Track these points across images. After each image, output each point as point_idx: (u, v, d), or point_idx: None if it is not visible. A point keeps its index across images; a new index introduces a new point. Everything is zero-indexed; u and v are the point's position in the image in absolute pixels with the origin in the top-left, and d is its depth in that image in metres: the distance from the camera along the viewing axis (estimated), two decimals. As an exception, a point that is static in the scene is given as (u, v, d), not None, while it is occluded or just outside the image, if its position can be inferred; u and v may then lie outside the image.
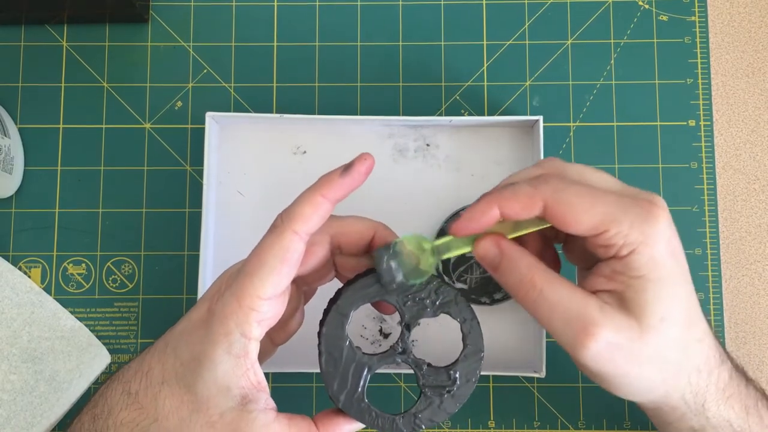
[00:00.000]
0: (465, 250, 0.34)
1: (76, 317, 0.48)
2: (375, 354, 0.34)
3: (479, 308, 0.48)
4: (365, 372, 0.34)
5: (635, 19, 0.52)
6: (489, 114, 0.51)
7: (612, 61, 0.51)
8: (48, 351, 0.47)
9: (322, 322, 0.35)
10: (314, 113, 0.51)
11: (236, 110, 0.51)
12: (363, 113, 0.51)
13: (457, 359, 0.35)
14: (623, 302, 0.32)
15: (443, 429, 0.48)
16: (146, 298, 0.49)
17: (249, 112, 0.51)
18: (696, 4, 0.52)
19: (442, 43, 0.51)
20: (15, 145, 0.49)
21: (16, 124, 0.50)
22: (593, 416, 0.49)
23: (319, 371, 0.34)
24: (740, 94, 0.52)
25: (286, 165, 0.50)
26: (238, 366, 0.31)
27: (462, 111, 0.51)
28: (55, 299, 0.48)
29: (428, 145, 0.50)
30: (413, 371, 0.35)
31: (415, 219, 0.49)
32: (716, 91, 0.52)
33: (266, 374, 0.48)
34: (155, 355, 0.34)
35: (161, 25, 0.52)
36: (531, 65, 0.51)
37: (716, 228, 0.50)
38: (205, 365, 0.31)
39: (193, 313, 0.34)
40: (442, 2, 0.52)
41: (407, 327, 0.35)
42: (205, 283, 0.46)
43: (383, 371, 0.47)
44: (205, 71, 0.51)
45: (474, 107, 0.51)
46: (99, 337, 0.48)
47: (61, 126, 0.51)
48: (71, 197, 0.50)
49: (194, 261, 0.48)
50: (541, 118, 0.47)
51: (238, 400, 0.32)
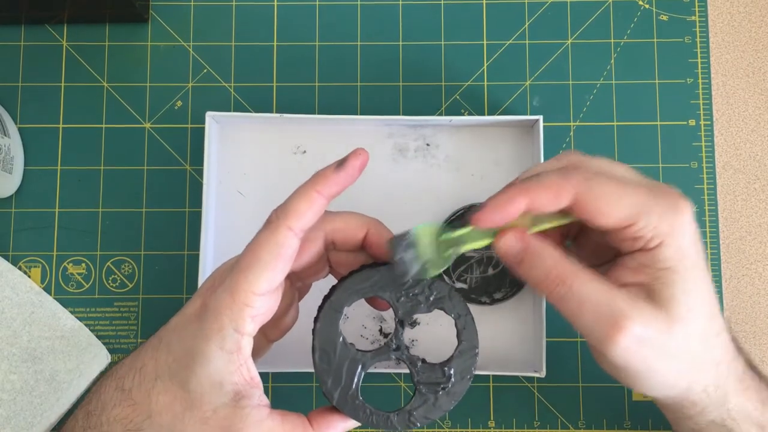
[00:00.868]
0: (484, 243, 0.33)
1: (76, 317, 0.48)
2: (369, 350, 0.34)
3: (479, 308, 0.48)
4: (359, 369, 0.34)
5: (635, 19, 0.52)
6: (489, 114, 0.51)
7: (612, 61, 0.51)
8: (48, 351, 0.47)
9: (316, 319, 0.34)
10: (314, 113, 0.51)
11: (236, 110, 0.51)
12: (363, 113, 0.51)
13: (452, 356, 0.34)
14: (651, 294, 0.32)
15: (443, 429, 0.48)
16: (146, 298, 0.49)
17: (249, 112, 0.51)
18: (696, 4, 0.52)
19: (442, 43, 0.51)
20: (15, 145, 0.49)
21: (16, 124, 0.50)
22: (593, 416, 0.49)
23: (313, 368, 0.34)
24: (740, 94, 0.52)
25: (286, 165, 0.50)
26: (231, 362, 0.31)
27: (462, 111, 0.51)
28: (55, 299, 0.48)
29: (428, 145, 0.50)
30: (408, 368, 0.35)
31: (415, 219, 0.49)
32: (716, 91, 0.52)
33: (265, 374, 0.49)
34: (148, 352, 0.34)
35: (161, 25, 0.52)
36: (531, 65, 0.51)
37: (716, 228, 0.50)
38: (198, 361, 0.31)
39: (187, 308, 0.34)
40: (442, 2, 0.52)
41: (401, 323, 0.35)
42: (205, 283, 0.46)
43: (383, 371, 0.47)
44: (205, 71, 0.51)
45: (474, 107, 0.51)
46: (99, 337, 0.48)
47: (61, 126, 0.51)
48: (71, 197, 0.50)
49: (194, 261, 0.48)
50: (541, 118, 0.47)
51: (231, 396, 0.31)
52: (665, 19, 0.52)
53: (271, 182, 0.50)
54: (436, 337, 0.48)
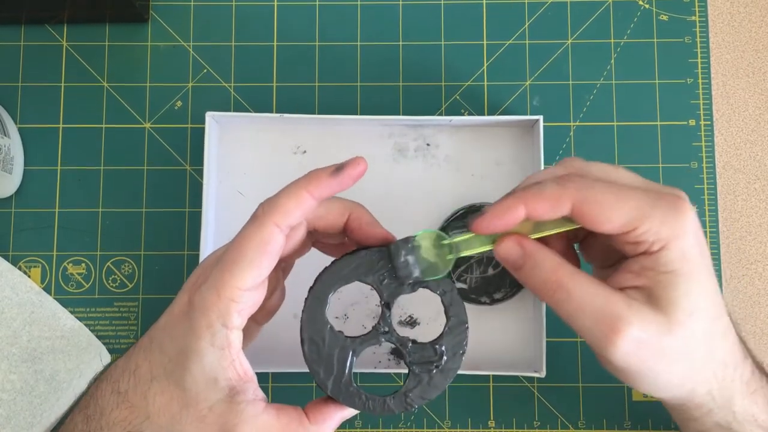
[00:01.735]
0: (485, 249, 0.34)
1: (76, 317, 0.48)
2: (358, 336, 0.34)
3: (479, 308, 0.48)
4: (350, 355, 0.34)
5: (635, 19, 0.52)
6: (489, 114, 0.51)
7: (612, 61, 0.51)
8: (48, 351, 0.47)
9: (303, 311, 0.34)
10: (314, 113, 0.51)
11: (236, 110, 0.51)
12: (363, 113, 0.51)
13: (442, 333, 0.34)
14: (652, 297, 0.32)
15: (443, 429, 0.48)
16: (146, 298, 0.49)
17: (249, 112, 0.51)
18: (696, 4, 0.52)
19: (442, 43, 0.51)
20: (15, 145, 0.49)
21: (16, 124, 0.50)
22: (593, 416, 0.48)
23: (304, 360, 0.34)
24: (740, 94, 0.52)
25: (286, 165, 0.50)
26: (224, 357, 0.31)
27: (462, 111, 0.51)
28: (55, 299, 0.48)
29: (428, 145, 0.50)
30: (399, 350, 0.34)
31: (415, 219, 0.49)
32: (716, 91, 0.52)
33: (265, 374, 0.49)
34: (141, 353, 0.34)
35: (161, 25, 0.52)
36: (531, 65, 0.51)
37: (716, 228, 0.50)
38: (191, 358, 0.31)
39: (174, 306, 0.33)
40: (442, 2, 0.52)
41: (387, 306, 0.34)
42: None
43: (382, 371, 0.47)
44: (205, 71, 0.51)
45: (474, 107, 0.51)
46: (99, 337, 0.48)
47: (61, 126, 0.51)
48: (71, 197, 0.50)
49: (194, 261, 0.48)
50: (541, 118, 0.47)
51: (226, 392, 0.32)
52: (665, 19, 0.52)
53: (271, 182, 0.49)
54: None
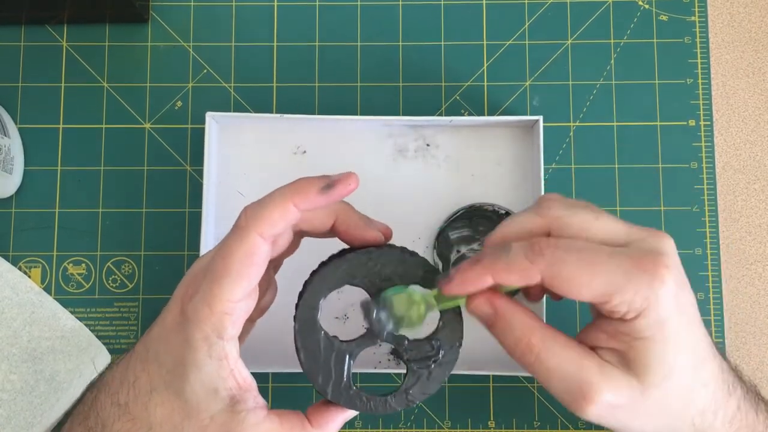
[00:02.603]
0: (457, 303, 0.34)
1: (76, 317, 0.48)
2: (353, 339, 0.34)
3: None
4: (347, 359, 0.34)
5: (635, 19, 0.52)
6: (489, 114, 0.51)
7: (612, 61, 0.51)
8: (48, 351, 0.47)
9: (295, 318, 0.34)
10: (314, 113, 0.51)
11: (236, 110, 0.51)
12: (363, 113, 0.51)
13: (437, 327, 0.34)
14: (625, 360, 0.32)
15: (443, 429, 0.48)
16: (146, 298, 0.49)
17: (249, 112, 0.51)
18: (696, 4, 0.52)
19: (442, 43, 0.51)
20: (15, 145, 0.49)
21: (16, 124, 0.50)
22: (593, 416, 0.48)
23: (301, 368, 0.34)
24: (740, 94, 0.52)
25: (286, 165, 0.50)
26: (222, 368, 0.31)
27: (462, 111, 0.51)
28: (55, 299, 0.48)
29: (428, 145, 0.50)
30: (395, 348, 0.34)
31: (415, 219, 0.49)
32: (716, 91, 0.52)
33: (265, 374, 0.49)
34: (138, 363, 0.33)
35: (161, 25, 0.52)
36: (531, 65, 0.51)
37: (716, 228, 0.50)
38: (190, 370, 0.31)
39: (167, 316, 0.33)
40: (442, 2, 0.52)
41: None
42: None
43: (382, 371, 0.47)
44: (205, 71, 0.51)
45: (474, 107, 0.51)
46: (99, 337, 0.48)
47: (61, 126, 0.51)
48: (71, 197, 0.50)
49: (194, 261, 0.48)
50: (541, 118, 0.47)
51: (227, 402, 0.32)
52: (665, 20, 0.52)
53: (271, 182, 0.49)
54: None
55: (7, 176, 0.48)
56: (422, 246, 0.49)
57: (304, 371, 0.34)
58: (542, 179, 0.46)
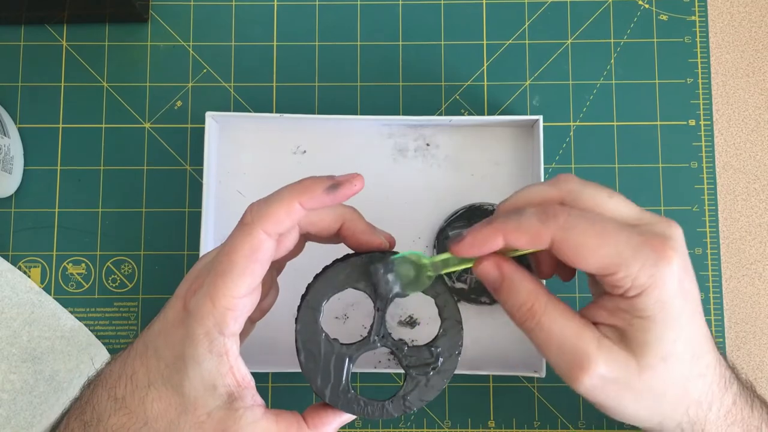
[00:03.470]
0: (465, 266, 0.34)
1: (76, 317, 0.48)
2: (353, 343, 0.34)
3: (479, 308, 0.48)
4: (346, 362, 0.34)
5: (635, 19, 0.52)
6: (489, 114, 0.51)
7: (612, 61, 0.51)
8: (48, 351, 0.47)
9: (297, 320, 0.34)
10: (314, 113, 0.51)
11: (236, 110, 0.51)
12: (363, 113, 0.51)
13: (437, 335, 0.34)
14: (624, 338, 0.32)
15: (443, 429, 0.48)
16: (146, 298, 0.49)
17: (249, 112, 0.51)
18: (696, 4, 0.52)
19: (442, 43, 0.51)
20: (15, 145, 0.49)
21: (16, 124, 0.50)
22: (593, 416, 0.48)
23: (300, 369, 0.34)
24: (740, 94, 0.52)
25: (286, 165, 0.50)
26: (222, 364, 0.31)
27: (462, 111, 0.51)
28: (55, 299, 0.48)
29: (428, 145, 0.50)
30: (394, 354, 0.34)
31: (415, 219, 0.49)
32: (716, 91, 0.52)
33: (265, 374, 0.49)
34: (137, 358, 0.33)
35: (161, 25, 0.52)
36: (531, 65, 0.51)
37: (716, 228, 0.50)
38: (190, 365, 0.31)
39: (168, 312, 0.33)
40: (442, 2, 0.52)
41: (381, 310, 0.34)
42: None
43: (382, 371, 0.47)
44: (205, 71, 0.51)
45: (474, 107, 0.51)
46: (99, 337, 0.48)
47: (61, 126, 0.51)
48: (71, 197, 0.50)
49: (194, 261, 0.48)
50: (541, 118, 0.47)
51: (225, 399, 0.32)
52: (665, 19, 0.52)
53: (271, 182, 0.49)
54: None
55: (7, 176, 0.48)
56: (422, 246, 0.49)
57: (304, 373, 0.34)
58: (542, 179, 0.46)
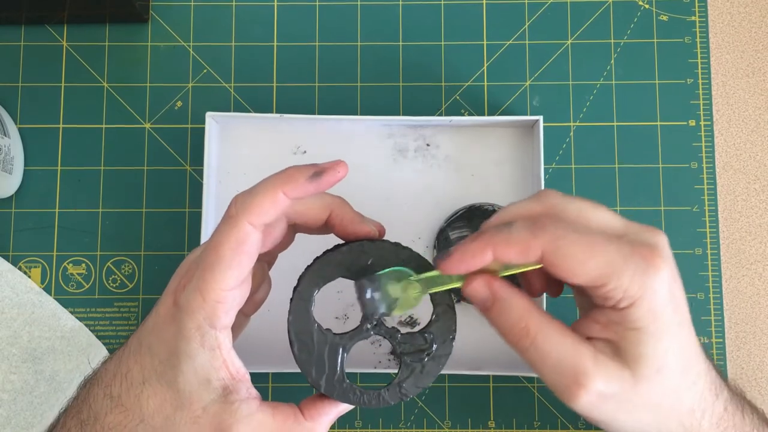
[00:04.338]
0: (454, 285, 0.33)
1: (76, 317, 0.48)
2: (346, 332, 0.34)
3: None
4: (340, 352, 0.34)
5: (635, 19, 0.52)
6: (489, 114, 0.51)
7: (612, 61, 0.51)
8: (48, 351, 0.47)
9: (289, 312, 0.34)
10: (314, 113, 0.51)
11: (236, 110, 0.51)
12: (363, 113, 0.51)
13: (430, 320, 0.34)
14: (618, 352, 0.32)
15: (443, 429, 0.49)
16: (146, 298, 0.49)
17: (249, 112, 0.51)
18: (696, 4, 0.52)
19: (442, 43, 0.51)
20: (15, 145, 0.49)
21: (16, 124, 0.50)
22: (593, 416, 0.49)
23: (294, 361, 0.34)
24: (740, 94, 0.52)
25: (286, 165, 0.49)
26: (215, 358, 0.31)
27: (462, 111, 0.51)
28: (55, 299, 0.48)
29: (428, 145, 0.50)
30: (388, 341, 0.34)
31: (415, 219, 0.49)
32: (716, 91, 0.52)
33: (265, 374, 0.49)
34: (131, 355, 0.33)
35: (161, 25, 0.52)
36: (531, 65, 0.51)
37: (716, 228, 0.50)
38: (183, 360, 0.31)
39: (160, 308, 0.33)
40: (442, 2, 0.52)
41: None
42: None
43: (382, 371, 0.47)
44: (205, 71, 0.51)
45: (474, 107, 0.51)
46: (99, 337, 0.48)
47: (61, 126, 0.51)
48: (71, 197, 0.50)
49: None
50: (541, 118, 0.47)
51: (220, 392, 0.31)
52: (665, 19, 0.52)
53: (271, 182, 0.49)
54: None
55: (7, 176, 0.48)
56: (422, 246, 0.49)
57: (298, 364, 0.34)
58: (542, 179, 0.46)
